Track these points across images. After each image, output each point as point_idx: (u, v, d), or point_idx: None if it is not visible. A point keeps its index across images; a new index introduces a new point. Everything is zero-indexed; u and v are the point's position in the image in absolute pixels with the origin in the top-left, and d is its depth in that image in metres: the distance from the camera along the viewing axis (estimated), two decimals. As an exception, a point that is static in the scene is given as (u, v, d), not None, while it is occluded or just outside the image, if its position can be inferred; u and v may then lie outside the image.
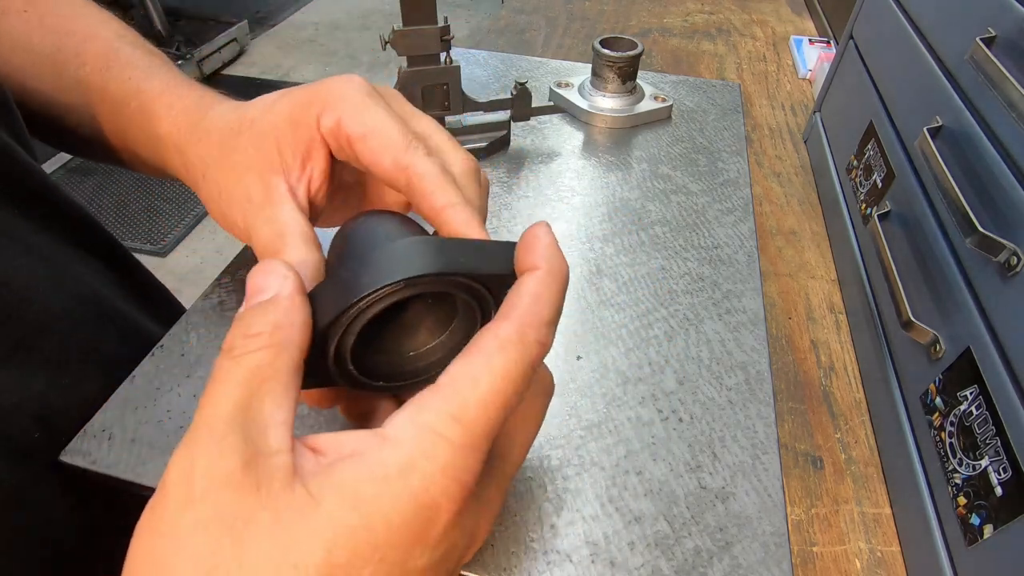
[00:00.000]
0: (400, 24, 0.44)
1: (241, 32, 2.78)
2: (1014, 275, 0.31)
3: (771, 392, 0.33)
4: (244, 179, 0.26)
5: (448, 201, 0.23)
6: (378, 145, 0.24)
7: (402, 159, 0.24)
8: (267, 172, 0.25)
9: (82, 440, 0.30)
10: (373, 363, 0.23)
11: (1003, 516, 0.29)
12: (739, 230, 0.44)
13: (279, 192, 0.25)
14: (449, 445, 0.17)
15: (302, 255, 0.23)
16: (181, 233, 1.90)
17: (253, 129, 0.26)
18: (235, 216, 0.26)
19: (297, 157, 0.25)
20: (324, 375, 0.21)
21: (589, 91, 0.57)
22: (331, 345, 0.20)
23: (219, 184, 0.27)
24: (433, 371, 0.24)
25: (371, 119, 0.24)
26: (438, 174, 0.24)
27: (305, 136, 0.25)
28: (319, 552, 0.15)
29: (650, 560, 0.26)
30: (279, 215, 0.24)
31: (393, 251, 0.20)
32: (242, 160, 0.26)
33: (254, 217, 0.25)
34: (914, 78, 0.48)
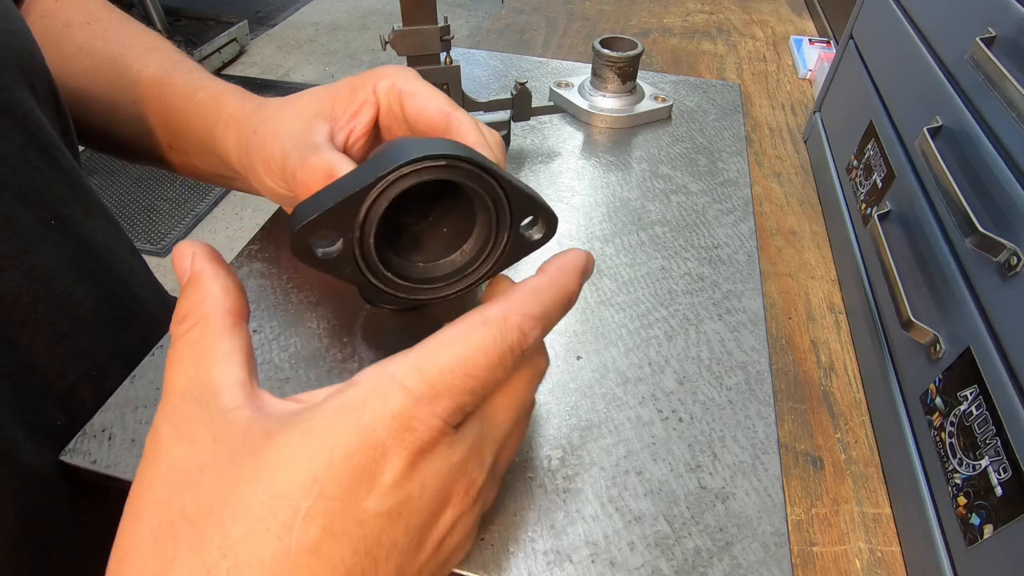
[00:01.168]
0: (400, 24, 0.44)
1: (241, 32, 2.78)
2: (1014, 275, 0.31)
3: (771, 392, 0.33)
4: (292, 122, 0.29)
5: (478, 142, 0.26)
6: (426, 99, 0.28)
7: (445, 108, 0.28)
8: (314, 116, 0.29)
9: (82, 440, 0.30)
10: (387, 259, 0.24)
11: (1003, 516, 0.29)
12: (739, 230, 0.44)
13: (320, 128, 0.28)
14: (404, 392, 0.17)
15: (337, 157, 0.25)
16: (181, 233, 1.90)
17: (313, 92, 0.30)
18: (275, 151, 0.28)
19: (347, 112, 0.29)
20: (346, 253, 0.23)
21: (589, 91, 0.57)
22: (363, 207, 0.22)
23: (267, 132, 0.30)
24: (437, 284, 0.25)
25: (420, 85, 0.29)
26: (473, 124, 0.27)
27: (360, 97, 0.29)
28: (264, 482, 0.16)
29: (650, 560, 0.26)
30: (313, 138, 0.27)
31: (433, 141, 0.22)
32: (294, 110, 0.30)
33: (291, 141, 0.28)
34: (914, 78, 0.48)
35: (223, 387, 0.18)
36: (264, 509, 0.16)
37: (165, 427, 0.18)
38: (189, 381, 0.19)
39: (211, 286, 0.20)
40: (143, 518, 0.17)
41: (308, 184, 0.25)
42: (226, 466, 0.17)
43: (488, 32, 0.94)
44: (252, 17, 3.09)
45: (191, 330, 0.20)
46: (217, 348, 0.19)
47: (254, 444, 0.17)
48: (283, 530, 0.16)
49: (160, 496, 0.17)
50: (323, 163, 0.25)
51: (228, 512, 0.16)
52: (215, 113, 0.35)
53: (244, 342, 0.20)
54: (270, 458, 0.17)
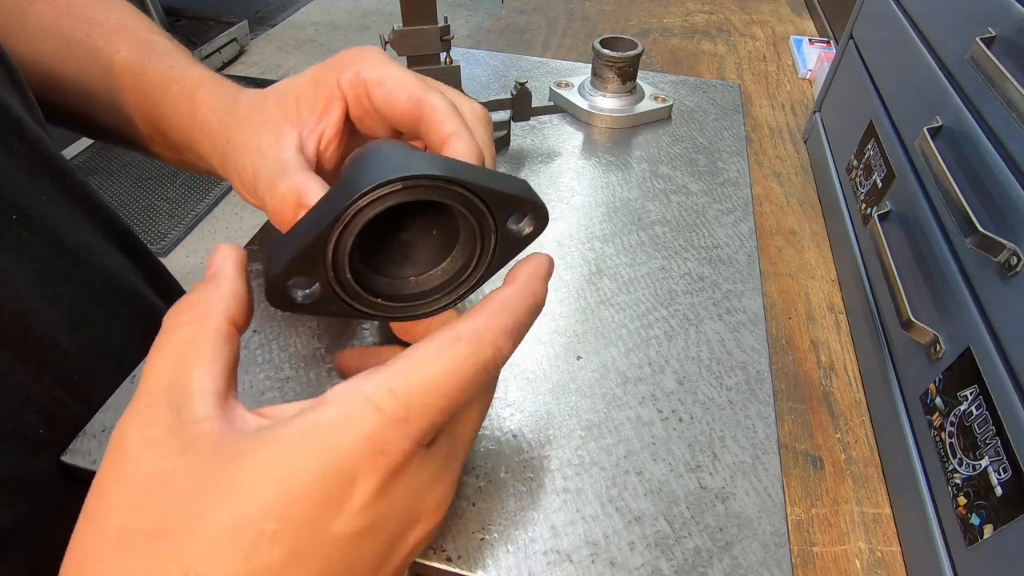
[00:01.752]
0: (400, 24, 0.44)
1: (241, 32, 2.78)
2: (1014, 275, 0.31)
3: (771, 392, 0.33)
4: (260, 132, 0.27)
5: (454, 129, 0.25)
6: (394, 86, 0.26)
7: (416, 93, 0.26)
8: (282, 124, 0.27)
9: (82, 440, 0.30)
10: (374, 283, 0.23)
11: (1003, 516, 0.29)
12: (739, 230, 0.44)
13: (288, 139, 0.27)
14: (379, 414, 0.17)
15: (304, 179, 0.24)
16: (181, 233, 1.90)
17: (277, 93, 0.28)
18: (246, 164, 0.27)
19: (314, 113, 0.27)
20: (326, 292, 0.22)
21: (589, 91, 0.57)
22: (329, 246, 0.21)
23: (238, 143, 0.28)
24: (432, 296, 0.24)
25: (387, 69, 0.27)
26: (448, 107, 0.25)
27: (325, 93, 0.27)
28: (232, 504, 0.16)
29: (650, 560, 0.26)
30: (282, 154, 0.26)
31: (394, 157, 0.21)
32: (262, 118, 0.28)
33: (261, 159, 0.26)
34: (914, 78, 0.48)
35: (199, 394, 0.18)
36: (230, 530, 0.16)
37: (132, 429, 0.18)
38: (166, 380, 0.18)
39: (225, 288, 0.20)
40: (102, 527, 0.17)
41: (279, 212, 0.24)
42: (191, 481, 0.16)
43: (488, 32, 0.94)
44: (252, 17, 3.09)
45: (187, 324, 0.19)
46: (204, 351, 0.19)
47: (222, 460, 0.17)
48: (249, 550, 0.16)
49: (120, 506, 0.17)
50: (291, 190, 0.24)
51: (189, 530, 0.16)
52: (190, 111, 0.33)
53: (232, 354, 0.20)
54: (239, 477, 0.16)
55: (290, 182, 0.24)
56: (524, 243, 0.25)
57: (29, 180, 0.32)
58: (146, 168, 2.13)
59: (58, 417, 0.30)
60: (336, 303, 0.23)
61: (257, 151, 0.27)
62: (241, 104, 0.30)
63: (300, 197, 0.24)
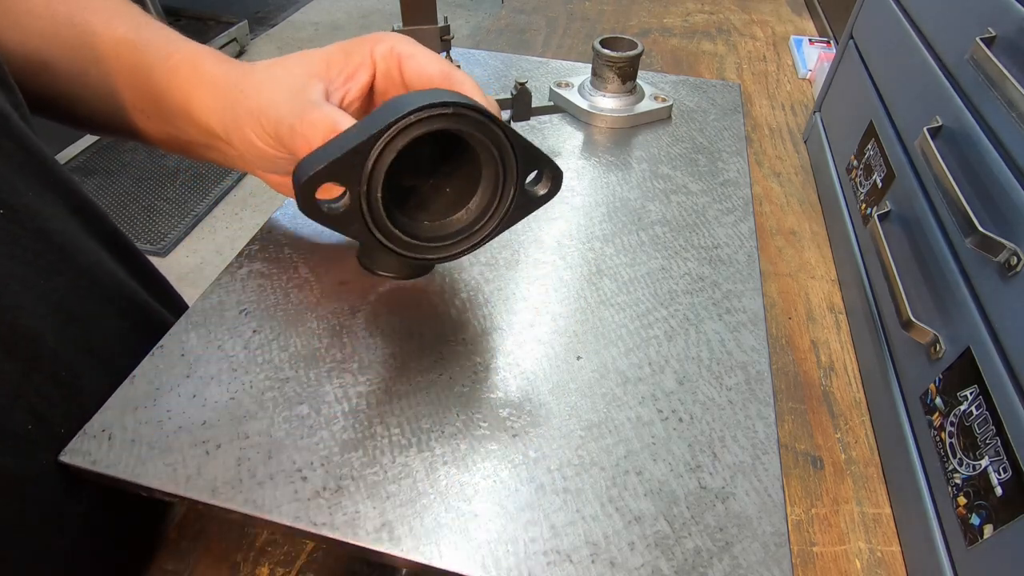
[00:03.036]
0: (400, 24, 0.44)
1: (241, 32, 2.78)
2: (1014, 275, 0.31)
3: (771, 392, 0.33)
4: (284, 82, 0.29)
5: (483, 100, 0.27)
6: (426, 60, 0.29)
7: (445, 68, 0.28)
8: (310, 76, 0.29)
9: (82, 440, 0.30)
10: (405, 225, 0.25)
11: (1003, 516, 0.29)
12: (739, 230, 0.44)
13: (315, 86, 0.28)
14: None
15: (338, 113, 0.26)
16: (181, 233, 1.90)
17: (303, 55, 0.30)
18: (266, 102, 0.28)
19: (342, 74, 0.30)
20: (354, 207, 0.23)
21: (589, 91, 0.57)
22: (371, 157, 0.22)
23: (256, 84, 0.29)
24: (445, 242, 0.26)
25: (419, 49, 0.30)
26: (474, 82, 0.28)
27: (355, 60, 0.30)
28: None
29: (650, 560, 0.26)
30: (310, 95, 0.27)
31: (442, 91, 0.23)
32: (284, 73, 0.29)
33: (285, 97, 0.28)
34: (914, 78, 0.48)
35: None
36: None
37: None
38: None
39: None
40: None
41: (308, 138, 0.25)
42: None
43: (488, 32, 0.94)
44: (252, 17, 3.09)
45: None
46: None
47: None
48: None
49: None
50: (324, 117, 0.25)
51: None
52: (194, 76, 0.33)
53: None
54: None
55: (322, 113, 0.25)
56: (538, 203, 0.26)
57: (16, 177, 0.32)
58: (146, 168, 2.13)
59: (47, 415, 0.30)
60: (358, 222, 0.23)
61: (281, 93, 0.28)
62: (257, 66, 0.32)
63: (334, 124, 0.25)
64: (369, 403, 0.32)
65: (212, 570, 0.34)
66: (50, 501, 0.30)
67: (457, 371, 0.33)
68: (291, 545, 0.35)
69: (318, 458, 0.29)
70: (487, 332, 0.36)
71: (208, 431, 0.30)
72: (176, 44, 0.35)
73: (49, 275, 0.32)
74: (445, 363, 0.34)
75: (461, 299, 0.38)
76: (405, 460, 0.29)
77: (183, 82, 0.34)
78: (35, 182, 0.33)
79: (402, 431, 0.30)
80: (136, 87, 0.36)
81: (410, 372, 0.33)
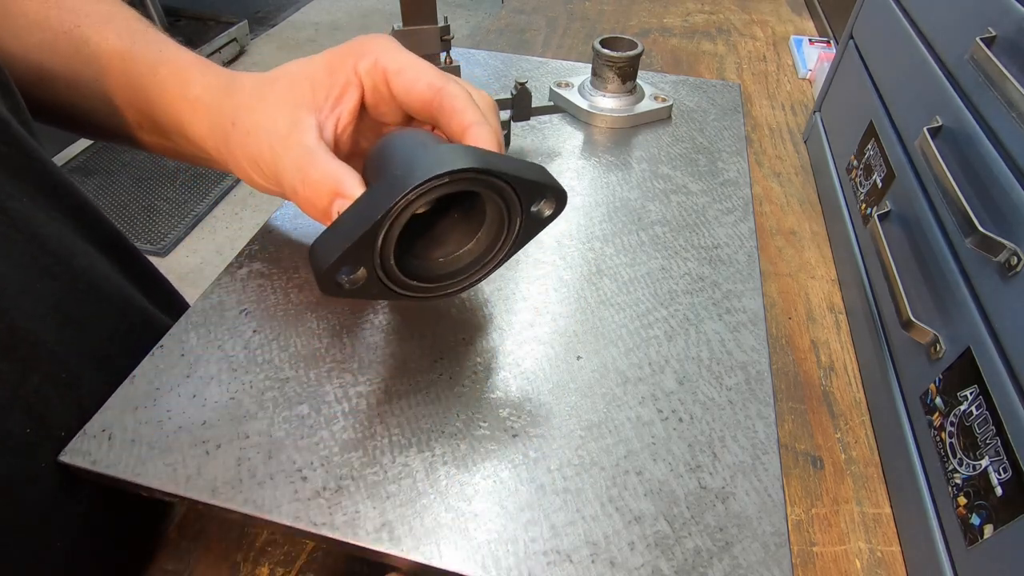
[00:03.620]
0: (400, 24, 0.44)
1: (241, 32, 2.78)
2: (1014, 275, 0.31)
3: (771, 392, 0.33)
4: (274, 114, 0.27)
5: (476, 119, 0.26)
6: (414, 75, 0.27)
7: (436, 83, 0.26)
8: (298, 108, 0.27)
9: (82, 440, 0.30)
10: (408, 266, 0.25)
11: (1003, 516, 0.29)
12: (739, 230, 0.44)
13: (307, 123, 0.27)
14: None
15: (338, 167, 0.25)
16: (181, 233, 1.90)
17: (289, 76, 0.28)
18: (262, 150, 0.27)
19: (330, 98, 0.28)
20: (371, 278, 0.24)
21: (589, 91, 0.57)
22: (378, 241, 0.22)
23: (247, 125, 0.28)
24: (461, 276, 0.26)
25: (405, 58, 0.27)
26: (467, 97, 0.26)
27: (341, 80, 0.28)
28: None
29: (650, 560, 0.26)
30: (305, 140, 0.26)
31: (436, 153, 0.22)
32: (274, 100, 0.28)
33: (282, 145, 0.26)
34: (914, 78, 0.48)
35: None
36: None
37: None
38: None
39: None
40: None
41: (312, 201, 0.25)
42: None
43: (488, 32, 0.94)
44: (252, 17, 3.09)
45: None
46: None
47: None
48: None
49: None
50: (326, 179, 0.25)
51: None
52: (180, 93, 0.32)
53: None
54: None
55: (324, 171, 0.25)
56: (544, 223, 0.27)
57: (11, 181, 0.32)
58: (146, 168, 2.13)
59: (45, 416, 0.30)
60: (378, 286, 0.24)
61: (276, 136, 0.27)
62: (242, 85, 0.30)
63: (336, 186, 0.24)
64: (369, 403, 0.32)
65: (212, 570, 0.34)
66: (50, 501, 0.30)
67: (457, 371, 0.33)
68: (291, 545, 0.35)
69: (318, 458, 0.29)
70: (487, 332, 0.36)
71: (208, 431, 0.30)
72: (166, 54, 0.34)
73: (45, 278, 0.32)
74: (445, 363, 0.34)
75: (461, 299, 0.38)
76: (405, 460, 0.29)
77: (171, 100, 0.33)
78: (32, 186, 0.33)
79: (402, 431, 0.30)
80: (130, 101, 0.36)
81: (410, 372, 0.33)
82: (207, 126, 0.31)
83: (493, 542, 0.27)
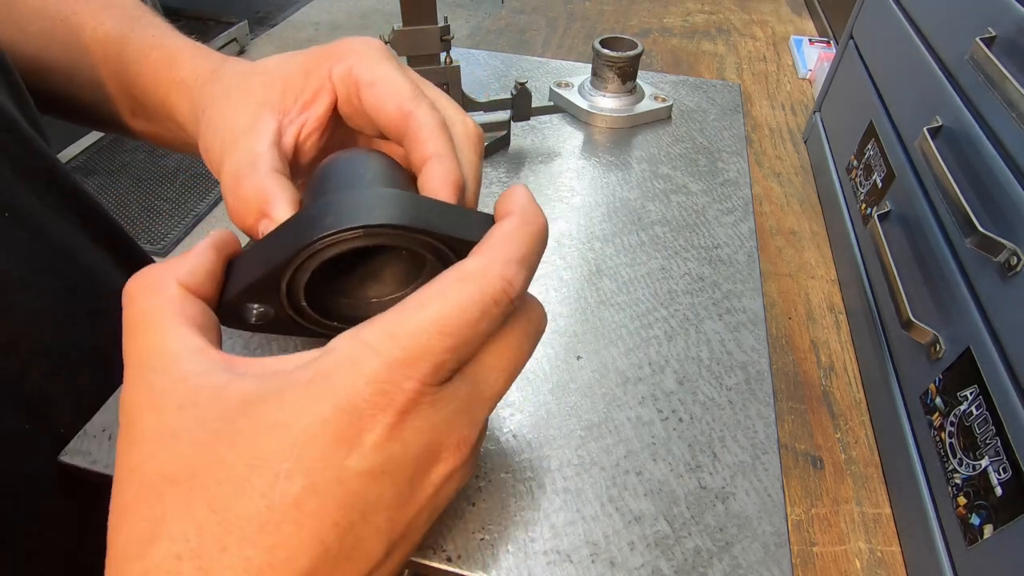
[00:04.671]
0: (400, 24, 0.44)
1: (241, 32, 2.78)
2: (1014, 275, 0.31)
3: (771, 392, 0.33)
4: (238, 110, 0.26)
5: (436, 151, 0.23)
6: (385, 92, 0.25)
7: (406, 106, 0.24)
8: (262, 107, 0.25)
9: (82, 440, 0.30)
10: (333, 304, 0.23)
11: (1003, 516, 0.29)
12: (739, 230, 0.44)
13: (265, 125, 0.25)
14: (377, 357, 0.17)
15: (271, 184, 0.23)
16: (181, 233, 1.90)
17: (265, 74, 0.27)
18: (214, 143, 0.26)
19: (299, 101, 0.26)
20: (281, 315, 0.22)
21: (589, 91, 0.57)
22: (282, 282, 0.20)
23: (214, 116, 0.27)
24: None
25: (381, 70, 0.25)
26: (436, 125, 0.24)
27: (314, 84, 0.26)
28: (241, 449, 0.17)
29: (650, 560, 0.26)
30: (255, 145, 0.24)
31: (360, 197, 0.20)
32: (243, 96, 0.26)
33: (231, 144, 0.25)
34: (914, 78, 0.48)
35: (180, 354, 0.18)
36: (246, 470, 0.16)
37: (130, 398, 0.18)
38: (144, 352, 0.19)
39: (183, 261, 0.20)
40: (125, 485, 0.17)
41: (239, 213, 0.23)
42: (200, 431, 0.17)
43: (488, 32, 0.94)
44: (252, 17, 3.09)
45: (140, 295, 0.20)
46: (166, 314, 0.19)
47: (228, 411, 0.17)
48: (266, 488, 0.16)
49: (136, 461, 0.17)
50: (254, 194, 0.23)
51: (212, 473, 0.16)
52: (169, 75, 0.32)
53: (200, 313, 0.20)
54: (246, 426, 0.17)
55: (254, 184, 0.23)
56: None
57: (19, 179, 0.32)
58: (146, 168, 2.13)
59: (45, 414, 0.30)
60: (291, 324, 0.22)
61: (229, 133, 0.25)
62: (224, 74, 0.29)
63: (263, 204, 0.23)
64: (369, 403, 0.32)
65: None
66: (50, 501, 0.30)
67: (457, 371, 0.33)
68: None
69: (318, 458, 0.29)
70: (487, 332, 0.36)
71: (208, 431, 0.30)
72: (159, 39, 0.34)
73: (48, 276, 0.32)
74: (445, 363, 0.34)
75: (461, 299, 0.38)
76: (405, 460, 0.29)
77: (160, 83, 0.32)
78: (38, 185, 0.33)
79: (402, 431, 0.30)
80: (123, 87, 0.35)
81: (410, 372, 0.33)
82: (188, 110, 0.30)
83: (493, 542, 0.27)
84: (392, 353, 0.17)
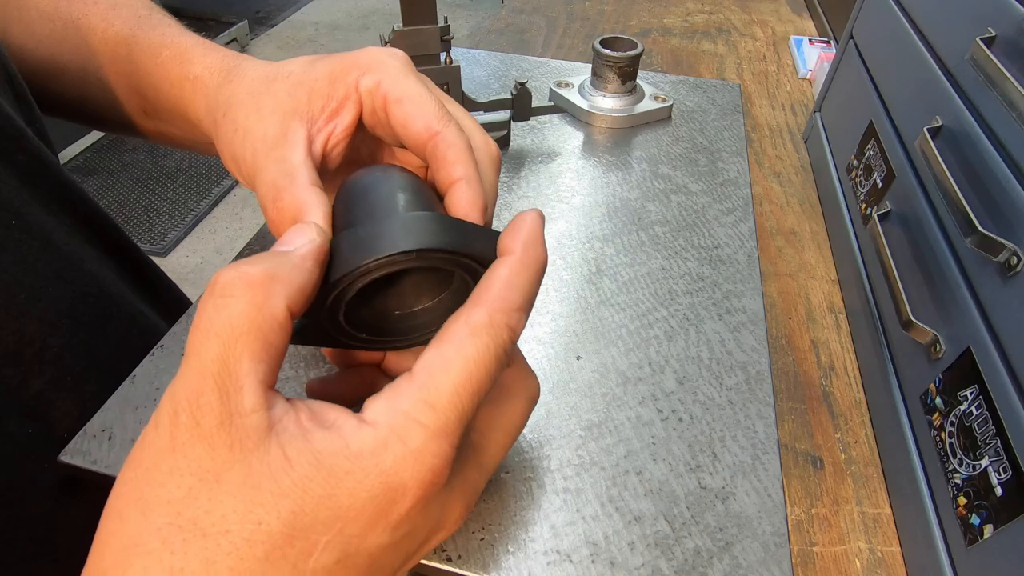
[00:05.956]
0: (400, 24, 0.44)
1: (241, 32, 2.79)
2: (1014, 275, 0.31)
3: (771, 392, 0.33)
4: (265, 119, 0.26)
5: (465, 175, 0.24)
6: (414, 109, 0.25)
7: (434, 125, 0.24)
8: (291, 116, 0.26)
9: (82, 440, 0.30)
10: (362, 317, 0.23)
11: (1003, 516, 0.29)
12: (739, 230, 0.44)
13: (297, 135, 0.25)
14: (423, 430, 0.17)
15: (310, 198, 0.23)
16: (181, 233, 1.90)
17: (290, 79, 0.27)
18: (245, 153, 0.26)
19: (326, 110, 0.26)
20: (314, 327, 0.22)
21: (589, 91, 0.57)
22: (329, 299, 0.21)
23: (238, 122, 0.27)
24: (415, 334, 0.24)
25: (410, 87, 0.25)
26: (463, 148, 0.24)
27: (340, 93, 0.26)
28: (284, 513, 0.16)
29: (650, 560, 0.26)
30: (290, 156, 0.24)
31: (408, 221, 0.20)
32: (269, 103, 0.26)
33: (265, 155, 0.25)
34: (914, 78, 0.48)
35: (248, 383, 0.17)
36: (283, 539, 0.16)
37: (184, 413, 0.17)
38: (216, 361, 0.17)
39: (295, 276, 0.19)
40: (151, 514, 0.16)
41: (277, 224, 0.24)
42: (243, 483, 0.16)
43: (488, 32, 0.94)
44: (252, 17, 3.09)
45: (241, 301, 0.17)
46: (259, 336, 0.17)
47: (273, 467, 0.17)
48: (300, 559, 0.16)
49: (174, 495, 0.16)
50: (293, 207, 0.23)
51: (245, 534, 0.16)
52: (181, 73, 0.32)
53: (284, 343, 0.19)
54: (292, 491, 0.16)
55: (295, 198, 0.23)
56: None
57: (27, 189, 0.32)
58: (146, 168, 2.13)
59: (48, 420, 0.30)
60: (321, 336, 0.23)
61: (263, 143, 0.25)
62: (244, 75, 0.28)
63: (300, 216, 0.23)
64: (369, 403, 0.32)
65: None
66: (51, 502, 0.30)
67: (457, 371, 0.33)
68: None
69: (318, 458, 0.29)
70: (487, 332, 0.36)
71: (208, 431, 0.30)
72: (169, 37, 0.34)
73: (56, 283, 0.33)
74: (445, 363, 0.34)
75: (461, 299, 0.38)
76: (405, 460, 0.29)
77: (172, 81, 0.32)
78: (45, 193, 0.34)
79: (402, 431, 0.30)
80: (133, 87, 0.35)
81: (410, 372, 0.33)
82: (203, 107, 0.30)
83: (493, 542, 0.27)
84: (435, 423, 0.18)
